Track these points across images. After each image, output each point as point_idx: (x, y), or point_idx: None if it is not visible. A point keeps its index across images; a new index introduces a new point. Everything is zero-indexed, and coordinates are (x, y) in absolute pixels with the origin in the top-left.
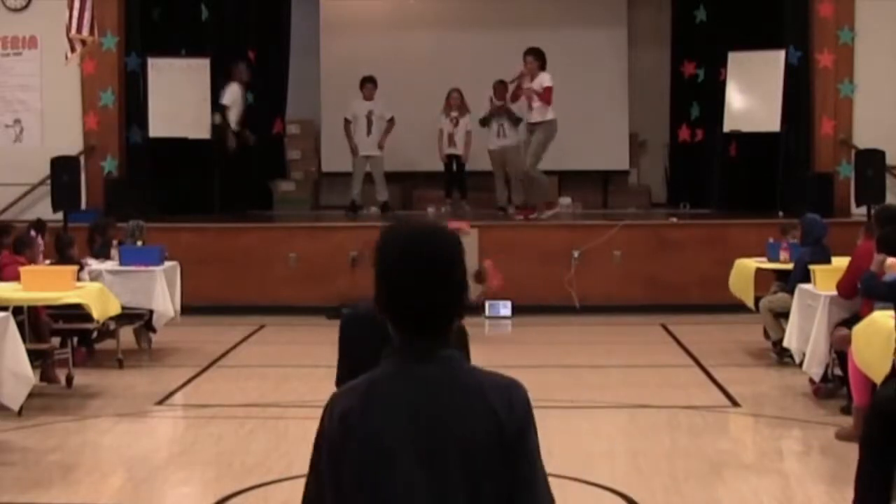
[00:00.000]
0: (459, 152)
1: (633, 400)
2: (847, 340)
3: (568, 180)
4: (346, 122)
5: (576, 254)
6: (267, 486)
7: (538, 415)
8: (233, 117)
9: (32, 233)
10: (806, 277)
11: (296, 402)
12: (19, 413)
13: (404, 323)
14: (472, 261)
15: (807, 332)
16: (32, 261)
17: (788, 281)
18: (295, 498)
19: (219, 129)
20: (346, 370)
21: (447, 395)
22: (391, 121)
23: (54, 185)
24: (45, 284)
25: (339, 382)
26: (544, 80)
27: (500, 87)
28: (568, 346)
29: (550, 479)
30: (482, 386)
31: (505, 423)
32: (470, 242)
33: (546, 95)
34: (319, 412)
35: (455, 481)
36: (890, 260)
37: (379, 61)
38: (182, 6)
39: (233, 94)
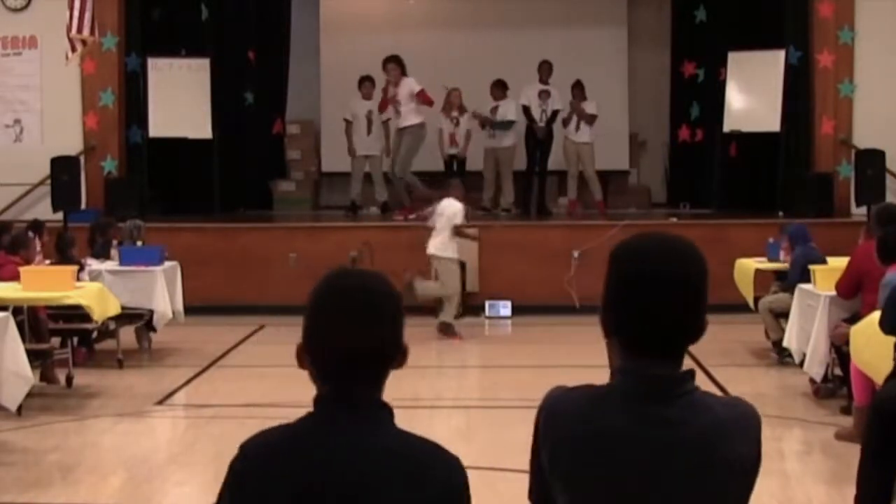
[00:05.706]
0: (460, 152)
1: None
2: (846, 337)
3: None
4: (347, 122)
5: (576, 254)
6: None
7: None
8: None
9: (30, 234)
10: (805, 277)
11: (296, 403)
12: (19, 413)
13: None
14: (472, 261)
15: (807, 332)
16: (28, 261)
17: (787, 280)
18: None
19: None
20: None
21: None
22: (387, 122)
23: (54, 185)
24: (44, 284)
25: None
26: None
27: (496, 87)
28: (568, 346)
29: None
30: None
31: None
32: (470, 242)
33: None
34: None
35: None
36: None
37: (379, 61)
38: (182, 6)
39: None
